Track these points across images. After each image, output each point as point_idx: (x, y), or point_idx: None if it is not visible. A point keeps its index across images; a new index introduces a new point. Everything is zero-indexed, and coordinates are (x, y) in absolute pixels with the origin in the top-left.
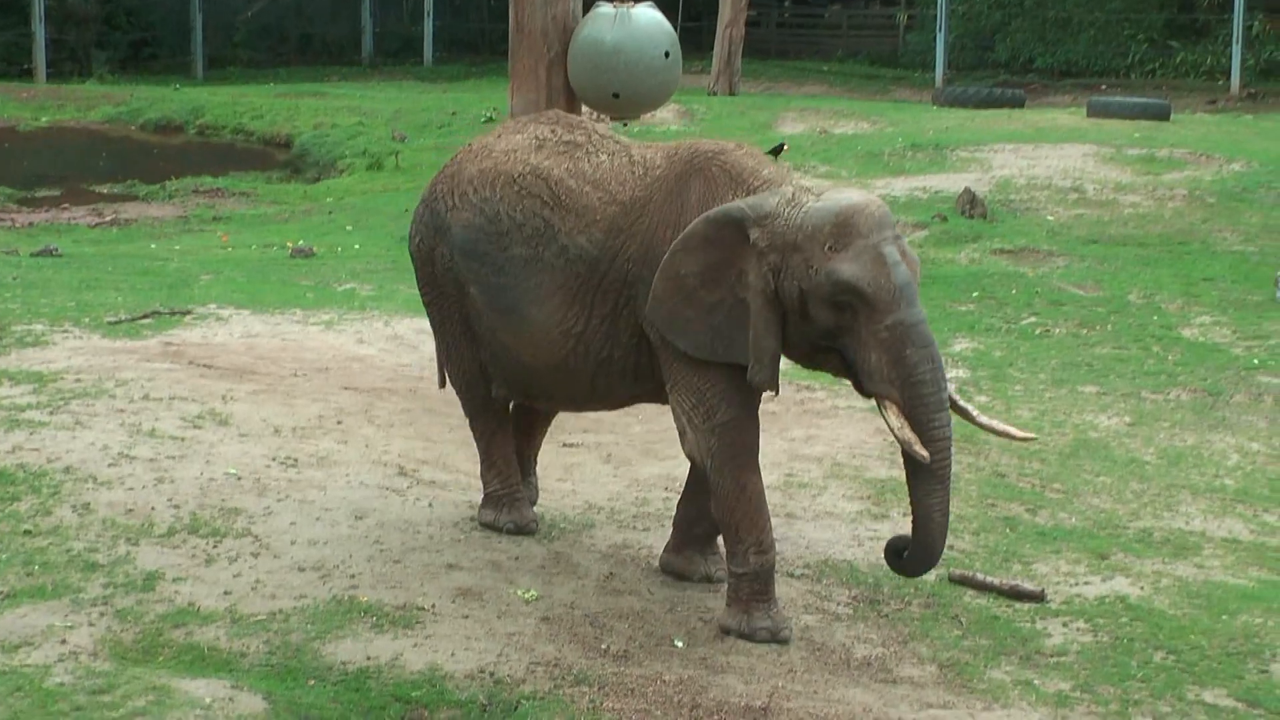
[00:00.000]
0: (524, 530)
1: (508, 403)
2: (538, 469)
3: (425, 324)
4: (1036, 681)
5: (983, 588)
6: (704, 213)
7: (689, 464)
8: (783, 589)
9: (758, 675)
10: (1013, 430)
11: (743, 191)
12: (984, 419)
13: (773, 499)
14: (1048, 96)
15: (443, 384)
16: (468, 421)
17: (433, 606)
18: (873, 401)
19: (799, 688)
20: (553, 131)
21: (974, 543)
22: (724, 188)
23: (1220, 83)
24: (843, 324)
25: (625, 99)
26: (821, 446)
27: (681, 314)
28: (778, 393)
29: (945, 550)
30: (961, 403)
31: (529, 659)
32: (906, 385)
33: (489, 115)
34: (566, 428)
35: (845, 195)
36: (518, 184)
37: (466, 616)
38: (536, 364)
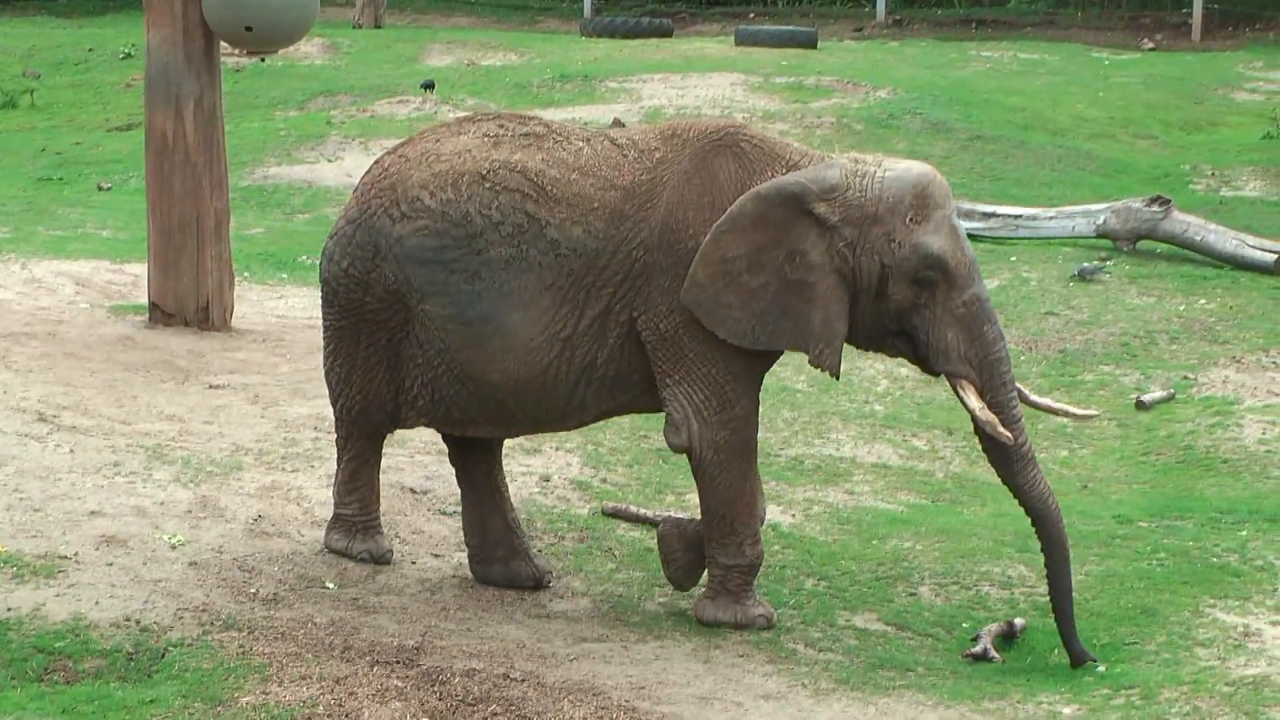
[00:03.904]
0: (380, 560)
1: (387, 434)
2: (185, 414)
3: (64, 266)
4: (690, 612)
5: (636, 520)
6: (748, 191)
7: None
8: (435, 527)
9: (410, 615)
10: (1071, 409)
11: (781, 167)
12: (1036, 398)
13: (424, 435)
14: (695, 26)
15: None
16: (338, 444)
17: (75, 555)
18: None
19: (452, 626)
20: (502, 127)
21: (627, 475)
22: (760, 164)
23: (866, 10)
24: (920, 300)
25: (259, 33)
26: None
27: (724, 300)
28: (839, 378)
29: (599, 484)
30: None
31: (176, 605)
32: (985, 364)
33: (128, 51)
34: (212, 369)
35: (913, 165)
36: (488, 180)
37: (111, 564)
38: (506, 380)
